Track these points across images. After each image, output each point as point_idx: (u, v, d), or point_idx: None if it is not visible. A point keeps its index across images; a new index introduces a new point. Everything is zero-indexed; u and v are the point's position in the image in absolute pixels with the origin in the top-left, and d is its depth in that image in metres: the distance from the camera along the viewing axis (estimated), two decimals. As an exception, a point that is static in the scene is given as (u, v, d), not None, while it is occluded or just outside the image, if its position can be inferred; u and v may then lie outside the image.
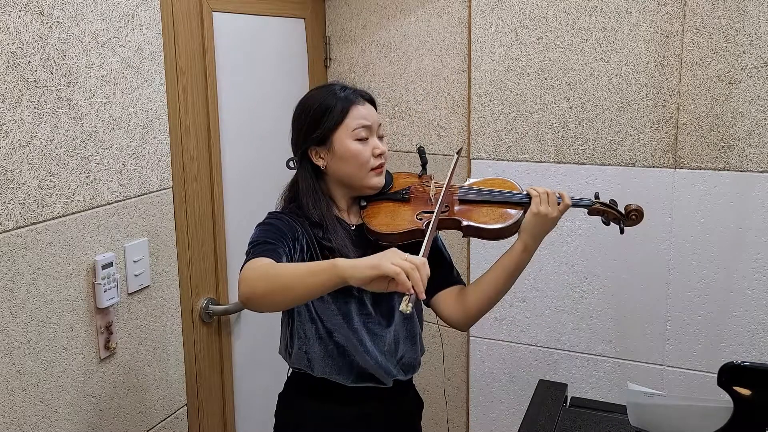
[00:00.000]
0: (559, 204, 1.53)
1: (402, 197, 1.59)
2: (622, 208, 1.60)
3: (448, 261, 1.69)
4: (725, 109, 2.01)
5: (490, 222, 1.54)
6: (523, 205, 1.55)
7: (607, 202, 1.60)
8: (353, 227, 1.58)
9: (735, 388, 1.24)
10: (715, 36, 1.99)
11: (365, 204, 1.59)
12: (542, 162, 2.27)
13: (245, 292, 1.28)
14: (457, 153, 1.68)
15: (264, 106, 2.25)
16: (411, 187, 1.61)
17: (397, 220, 1.54)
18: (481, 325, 2.23)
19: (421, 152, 1.67)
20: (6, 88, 1.37)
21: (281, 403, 1.67)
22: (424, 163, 1.67)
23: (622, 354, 2.25)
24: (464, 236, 1.57)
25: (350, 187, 1.57)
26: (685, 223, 2.10)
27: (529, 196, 1.54)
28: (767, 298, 2.04)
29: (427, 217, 1.53)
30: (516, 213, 1.54)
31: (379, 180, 1.56)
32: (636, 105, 2.12)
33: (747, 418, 1.24)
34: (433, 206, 1.54)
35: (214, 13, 2.02)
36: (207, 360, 2.05)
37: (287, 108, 1.59)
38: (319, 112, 1.51)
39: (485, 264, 1.64)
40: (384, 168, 1.57)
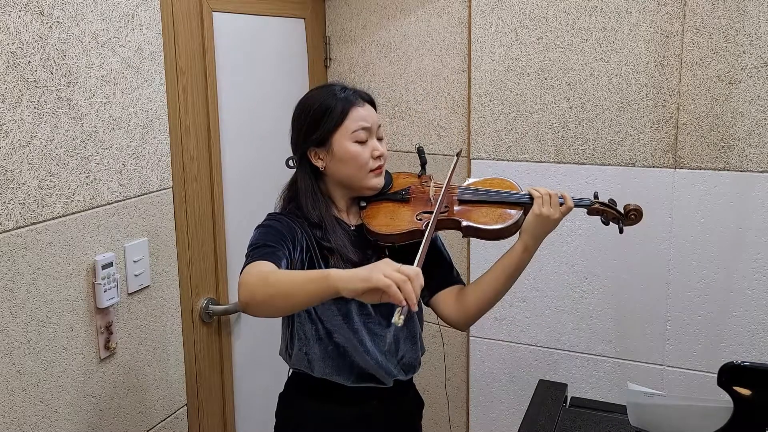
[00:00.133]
0: (561, 205, 1.52)
1: (401, 197, 1.59)
2: (621, 208, 1.59)
3: (448, 261, 1.69)
4: (725, 109, 2.01)
5: (489, 222, 1.53)
6: (523, 205, 1.55)
7: (606, 202, 1.60)
8: (353, 227, 1.58)
9: (735, 388, 1.24)
10: (715, 36, 1.99)
11: (365, 204, 1.59)
12: (542, 162, 2.27)
13: (244, 298, 1.28)
14: (456, 155, 1.68)
15: (264, 106, 2.25)
16: (410, 187, 1.61)
17: (396, 221, 1.54)
18: (481, 325, 2.24)
19: (421, 152, 1.67)
20: (6, 88, 1.37)
21: (281, 403, 1.67)
22: (424, 163, 1.66)
23: (622, 354, 2.25)
24: (464, 236, 1.57)
25: (349, 188, 1.56)
26: (685, 223, 2.10)
27: (530, 197, 1.53)
28: (767, 298, 2.04)
29: (426, 217, 1.53)
30: (516, 213, 1.54)
31: (379, 181, 1.56)
32: (636, 105, 2.12)
33: (747, 418, 1.24)
34: (432, 206, 1.54)
35: (214, 13, 2.02)
36: (207, 360, 2.05)
37: (287, 108, 1.59)
38: (319, 113, 1.51)
39: (485, 264, 1.64)
40: (383, 169, 1.57)
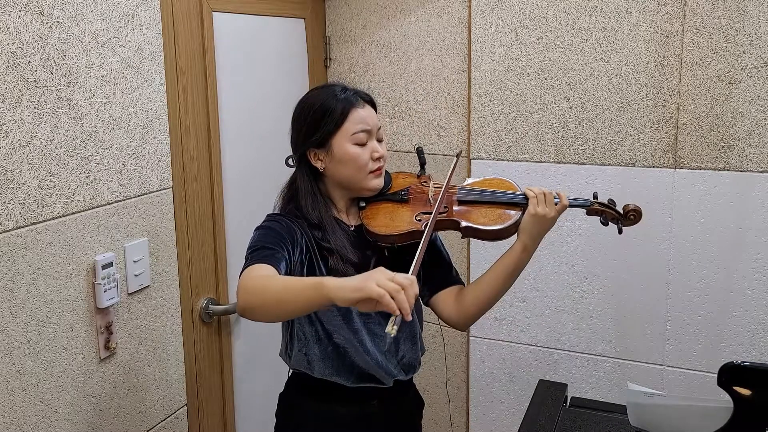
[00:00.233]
0: (556, 204, 1.52)
1: (401, 198, 1.59)
2: (620, 208, 1.59)
3: (447, 261, 1.69)
4: (725, 109, 2.01)
5: (488, 223, 1.53)
6: (522, 205, 1.55)
7: (606, 202, 1.59)
8: (352, 228, 1.58)
9: (735, 388, 1.24)
10: (715, 36, 1.99)
11: (364, 205, 1.59)
12: (542, 162, 2.27)
13: (242, 304, 1.29)
14: (456, 156, 1.68)
15: (264, 106, 2.25)
16: (410, 187, 1.61)
17: (396, 221, 1.54)
18: (481, 325, 2.24)
19: (420, 152, 1.67)
20: (6, 88, 1.37)
21: (282, 403, 1.67)
22: (423, 163, 1.66)
23: (622, 354, 2.25)
24: (463, 237, 1.57)
25: (349, 189, 1.56)
26: (685, 223, 2.10)
27: (526, 197, 1.54)
28: (767, 298, 2.04)
29: (426, 218, 1.52)
30: (515, 214, 1.54)
31: (378, 182, 1.55)
32: (636, 105, 2.12)
33: (747, 418, 1.24)
34: (432, 207, 1.54)
35: (214, 13, 2.02)
36: (207, 360, 2.05)
37: (287, 108, 1.59)
38: (319, 114, 1.51)
39: (485, 264, 1.64)
40: (383, 170, 1.56)
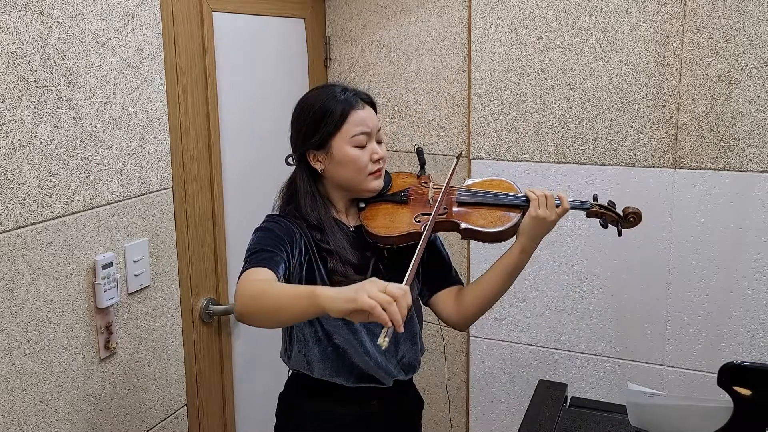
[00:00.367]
0: (557, 207, 1.52)
1: (400, 199, 1.59)
2: (620, 210, 1.58)
3: (447, 261, 1.69)
4: (725, 109, 2.01)
5: (488, 225, 1.53)
6: (522, 207, 1.54)
7: (606, 204, 1.59)
8: (351, 228, 1.58)
9: (735, 388, 1.24)
10: (715, 36, 1.99)
11: (363, 206, 1.58)
12: (542, 162, 2.27)
13: (239, 309, 1.29)
14: (457, 157, 1.68)
15: (264, 106, 2.25)
16: (410, 188, 1.61)
17: (395, 223, 1.53)
18: (481, 325, 2.24)
19: (420, 153, 1.67)
20: (6, 88, 1.37)
21: (282, 403, 1.67)
22: (423, 163, 1.66)
23: (622, 354, 2.25)
24: (462, 239, 1.57)
25: (348, 190, 1.56)
26: (685, 223, 2.10)
27: (527, 199, 1.53)
28: (767, 298, 2.04)
29: (425, 219, 1.52)
30: (514, 216, 1.54)
31: (378, 184, 1.55)
32: (636, 105, 2.12)
33: (747, 418, 1.24)
34: (431, 208, 1.54)
35: (214, 13, 2.02)
36: (207, 360, 2.05)
37: (287, 108, 1.59)
38: (318, 115, 1.50)
39: (485, 264, 1.63)
40: (382, 172, 1.56)
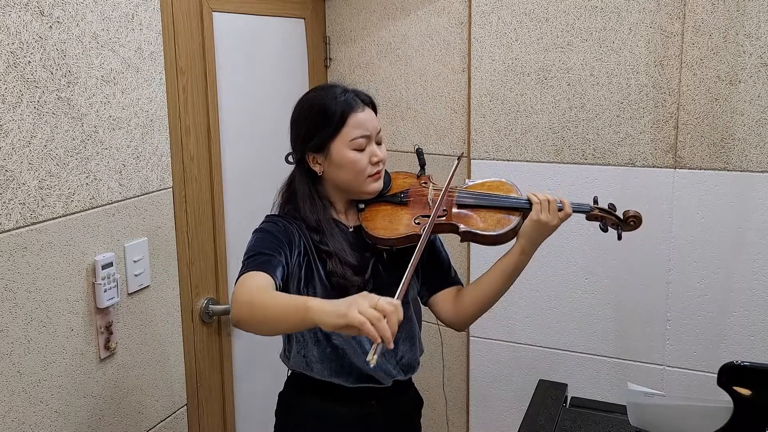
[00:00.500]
0: (560, 212, 1.52)
1: (400, 200, 1.58)
2: (620, 213, 1.57)
3: (447, 261, 1.69)
4: (725, 109, 2.01)
5: (488, 228, 1.52)
6: (522, 210, 1.54)
7: (606, 207, 1.58)
8: (351, 229, 1.58)
9: (735, 388, 1.24)
10: (715, 36, 1.99)
11: (363, 207, 1.58)
12: (542, 162, 2.27)
13: (235, 316, 1.30)
14: (458, 159, 1.67)
15: (264, 106, 2.25)
16: (410, 189, 1.60)
17: (395, 224, 1.53)
18: (481, 325, 2.24)
19: (420, 153, 1.66)
20: (6, 88, 1.36)
21: (281, 403, 1.67)
22: (423, 164, 1.66)
23: (622, 354, 2.25)
24: (462, 241, 1.57)
25: (348, 192, 1.56)
26: (685, 223, 2.10)
27: (528, 202, 1.53)
28: (767, 298, 2.04)
29: (424, 221, 1.52)
30: (514, 219, 1.53)
31: (377, 186, 1.55)
32: (636, 105, 2.12)
33: (747, 418, 1.24)
34: (431, 210, 1.53)
35: (214, 13, 2.02)
36: (207, 360, 2.05)
37: (287, 108, 1.58)
38: (318, 117, 1.50)
39: (485, 265, 1.63)
40: (382, 173, 1.55)
